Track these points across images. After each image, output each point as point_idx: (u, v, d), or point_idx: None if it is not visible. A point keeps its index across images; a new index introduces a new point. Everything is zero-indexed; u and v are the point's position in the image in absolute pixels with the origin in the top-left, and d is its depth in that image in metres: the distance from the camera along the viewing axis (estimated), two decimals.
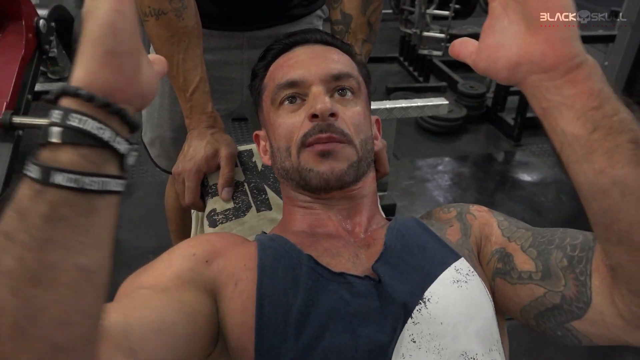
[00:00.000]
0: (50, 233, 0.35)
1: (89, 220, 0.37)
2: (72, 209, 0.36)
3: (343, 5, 1.01)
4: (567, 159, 0.47)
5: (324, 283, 0.61)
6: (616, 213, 0.44)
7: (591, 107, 0.45)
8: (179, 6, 0.89)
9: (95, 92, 0.38)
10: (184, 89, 0.94)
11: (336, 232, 0.74)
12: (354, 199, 0.76)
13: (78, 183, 0.36)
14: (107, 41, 0.38)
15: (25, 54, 2.38)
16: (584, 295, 0.56)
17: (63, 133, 0.37)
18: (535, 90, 0.48)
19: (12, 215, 0.36)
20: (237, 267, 0.64)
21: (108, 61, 0.39)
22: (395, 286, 0.62)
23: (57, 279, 0.35)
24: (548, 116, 0.47)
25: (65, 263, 0.36)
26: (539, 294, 0.62)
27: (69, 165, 0.36)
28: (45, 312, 0.35)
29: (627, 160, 0.43)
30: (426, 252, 0.66)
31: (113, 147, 0.39)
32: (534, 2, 0.45)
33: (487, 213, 0.75)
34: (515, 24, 0.48)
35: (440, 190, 2.51)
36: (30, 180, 0.36)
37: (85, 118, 0.37)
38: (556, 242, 0.62)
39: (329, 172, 0.70)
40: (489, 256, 0.70)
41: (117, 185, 0.39)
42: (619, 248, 0.46)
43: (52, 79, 3.21)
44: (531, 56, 0.47)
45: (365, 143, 0.75)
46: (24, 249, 0.35)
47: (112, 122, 0.39)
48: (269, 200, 0.95)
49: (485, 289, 0.65)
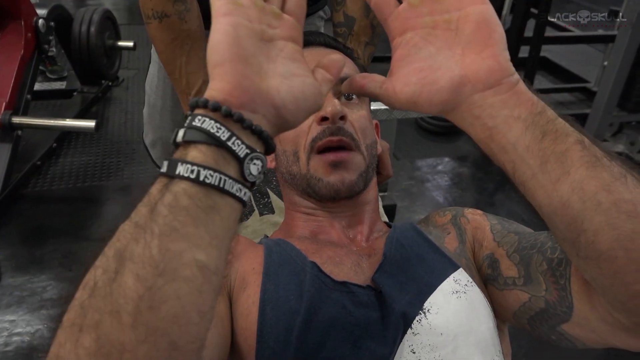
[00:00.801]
0: (171, 221, 0.37)
1: (209, 216, 0.38)
2: (192, 201, 0.38)
3: (346, 8, 1.01)
4: (522, 177, 0.47)
5: (327, 292, 0.61)
6: (580, 223, 0.43)
7: (536, 113, 0.46)
8: (182, 9, 0.88)
9: (216, 100, 0.41)
10: (187, 92, 0.94)
11: (339, 239, 0.73)
12: (357, 205, 0.75)
13: (196, 174, 0.38)
14: (210, 58, 0.42)
15: (25, 53, 2.38)
16: (566, 299, 0.55)
17: (186, 132, 0.40)
18: (480, 110, 0.47)
19: (142, 208, 0.39)
20: (247, 270, 0.64)
21: (216, 74, 0.42)
22: (395, 296, 0.61)
23: (178, 271, 0.36)
24: (496, 134, 0.47)
25: (185, 256, 0.36)
26: (524, 300, 0.61)
27: (191, 159, 0.39)
28: (165, 305, 0.35)
29: (579, 162, 0.43)
30: (425, 262, 0.66)
31: (229, 147, 0.40)
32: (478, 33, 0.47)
33: (480, 217, 0.75)
34: (446, 49, 0.49)
35: (440, 191, 2.51)
36: (161, 175, 0.40)
37: (204, 118, 0.40)
38: (538, 246, 0.61)
39: (340, 183, 0.70)
40: (481, 261, 0.70)
41: (237, 189, 0.40)
42: (588, 262, 0.45)
43: (51, 78, 3.20)
44: (476, 73, 0.47)
45: (371, 148, 0.75)
46: (149, 235, 0.36)
47: (230, 124, 0.41)
48: (271, 203, 0.95)
49: (484, 299, 0.64)
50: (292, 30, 0.48)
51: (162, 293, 0.35)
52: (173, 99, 1.16)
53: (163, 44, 0.91)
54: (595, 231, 0.43)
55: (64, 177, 2.42)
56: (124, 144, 2.73)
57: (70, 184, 2.37)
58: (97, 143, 2.71)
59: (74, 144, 2.68)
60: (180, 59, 0.91)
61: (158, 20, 0.89)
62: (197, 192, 0.38)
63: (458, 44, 0.48)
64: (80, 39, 2.82)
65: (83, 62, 2.88)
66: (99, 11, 2.92)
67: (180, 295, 0.36)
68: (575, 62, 3.84)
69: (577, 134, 0.45)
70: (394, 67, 0.52)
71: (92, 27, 2.84)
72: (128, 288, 0.35)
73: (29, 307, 1.74)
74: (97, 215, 2.22)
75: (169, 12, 0.88)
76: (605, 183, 0.43)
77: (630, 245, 0.42)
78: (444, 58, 0.49)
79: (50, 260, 1.94)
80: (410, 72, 0.50)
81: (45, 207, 2.24)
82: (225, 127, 0.40)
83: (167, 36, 0.90)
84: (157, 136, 1.24)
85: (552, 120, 0.46)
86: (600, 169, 0.43)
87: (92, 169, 2.50)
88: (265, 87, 0.43)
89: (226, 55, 0.42)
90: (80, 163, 2.53)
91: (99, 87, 3.07)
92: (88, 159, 2.57)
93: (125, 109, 3.07)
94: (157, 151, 1.27)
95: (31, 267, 1.90)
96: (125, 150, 2.67)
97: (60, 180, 2.39)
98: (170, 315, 0.35)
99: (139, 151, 2.57)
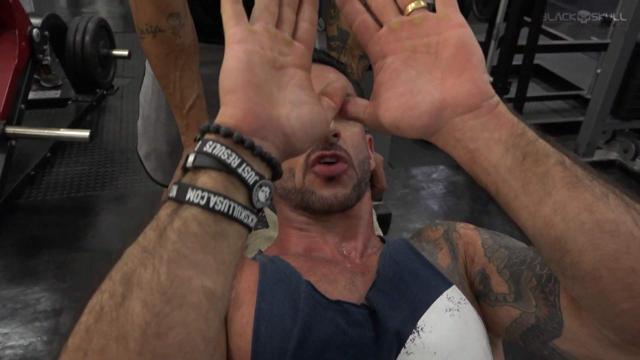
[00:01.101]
0: (180, 247, 0.37)
1: (217, 243, 0.39)
2: (202, 227, 0.38)
3: (340, 22, 1.01)
4: (505, 198, 0.47)
5: (321, 311, 0.60)
6: (564, 244, 0.43)
7: (516, 135, 0.46)
8: (176, 24, 0.88)
9: (227, 126, 0.42)
10: (181, 106, 0.94)
11: (332, 256, 0.73)
12: (351, 219, 0.76)
13: (206, 200, 0.39)
14: (223, 83, 0.43)
15: (19, 63, 2.38)
16: (555, 315, 0.55)
17: (196, 158, 0.41)
18: (460, 133, 0.48)
19: (151, 232, 0.39)
20: (242, 288, 0.64)
21: (228, 100, 0.43)
22: (389, 315, 0.61)
23: (186, 298, 0.36)
24: (478, 157, 0.47)
25: (193, 282, 0.37)
26: (515, 316, 0.61)
27: (202, 185, 0.39)
28: (172, 332, 0.35)
29: (560, 183, 0.44)
30: (418, 279, 0.66)
31: (238, 174, 0.40)
32: (457, 57, 0.48)
33: (472, 231, 0.75)
34: (426, 73, 0.49)
35: (435, 199, 2.51)
36: (170, 200, 0.40)
37: (215, 144, 0.41)
38: (527, 262, 0.62)
39: (333, 198, 0.71)
40: (472, 277, 0.70)
41: (245, 215, 0.41)
42: (574, 282, 0.45)
43: (46, 87, 3.20)
44: (456, 97, 0.47)
45: (363, 163, 0.75)
46: (159, 261, 0.37)
47: (240, 151, 0.41)
48: (265, 217, 0.95)
49: (477, 316, 0.64)
50: (303, 57, 0.49)
51: (169, 320, 0.35)
52: (167, 111, 1.16)
53: (157, 59, 0.91)
54: (579, 251, 0.43)
55: (58, 187, 2.41)
56: (119, 153, 2.72)
57: (65, 194, 2.37)
58: (92, 152, 2.70)
59: (69, 153, 2.68)
60: (174, 74, 0.92)
61: (152, 35, 0.89)
62: (206, 218, 0.39)
63: (438, 68, 0.49)
64: (74, 48, 2.81)
65: (78, 71, 2.88)
66: (93, 20, 2.92)
67: (187, 322, 0.36)
68: (568, 70, 3.87)
69: (558, 154, 0.45)
70: (376, 91, 0.52)
71: (86, 36, 2.84)
72: (135, 314, 0.35)
73: (22, 319, 1.73)
74: (92, 225, 2.21)
75: (163, 27, 0.88)
76: (587, 203, 0.43)
77: (614, 265, 0.42)
78: (424, 82, 0.49)
79: (44, 271, 1.92)
80: (391, 96, 0.50)
81: (39, 217, 2.22)
82: (236, 153, 0.41)
83: (161, 51, 0.90)
84: (151, 148, 1.24)
85: (533, 141, 0.46)
86: (582, 190, 0.43)
87: (86, 178, 2.49)
88: (276, 115, 0.44)
89: (239, 82, 0.43)
90: (75, 173, 2.53)
91: (93, 96, 3.07)
92: (82, 168, 2.56)
93: (120, 117, 3.07)
94: (151, 163, 1.26)
95: (25, 278, 1.89)
96: (120, 159, 2.66)
97: (54, 190, 2.38)
98: (177, 342, 0.35)
99: (133, 160, 2.56)
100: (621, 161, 2.74)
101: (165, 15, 0.87)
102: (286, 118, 0.45)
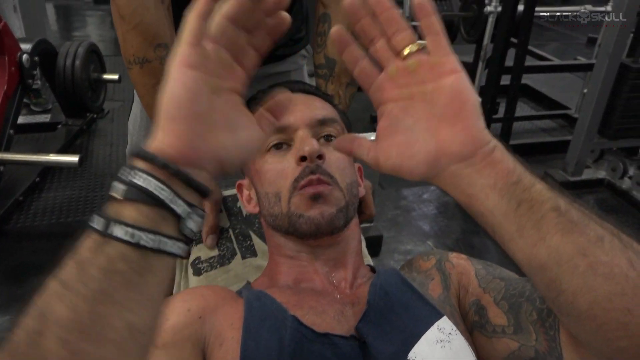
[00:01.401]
0: (105, 286, 0.36)
1: (143, 278, 0.38)
2: (128, 265, 0.37)
3: (327, 50, 1.02)
4: (501, 239, 0.48)
5: (308, 345, 0.60)
6: (559, 284, 0.45)
7: (511, 182, 0.47)
8: (164, 54, 0.89)
9: (164, 155, 0.40)
10: None
11: (322, 286, 0.73)
12: (340, 246, 0.75)
13: (134, 238, 0.37)
14: (166, 108, 0.42)
15: (8, 89, 2.37)
16: (555, 350, 0.56)
17: (125, 189, 0.39)
18: (457, 180, 0.49)
19: (71, 265, 0.37)
20: (224, 325, 0.63)
21: (168, 127, 0.42)
22: (379, 347, 0.61)
23: (106, 335, 0.35)
24: (474, 201, 0.49)
25: (115, 319, 0.36)
26: (514, 348, 0.62)
27: (129, 219, 0.38)
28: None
29: (555, 229, 0.45)
30: (409, 310, 0.66)
31: (170, 208, 0.40)
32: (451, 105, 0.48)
33: (465, 261, 0.75)
34: (423, 121, 0.50)
35: (426, 220, 2.51)
36: (92, 231, 0.38)
37: (147, 176, 0.39)
38: (526, 294, 0.62)
39: (320, 217, 0.70)
40: (467, 307, 0.70)
41: (174, 247, 0.40)
42: (570, 319, 0.47)
43: (35, 111, 3.19)
44: (450, 147, 0.49)
45: (351, 187, 0.75)
46: (78, 298, 0.35)
47: (174, 183, 0.40)
48: (254, 246, 0.94)
49: (468, 347, 0.64)
50: (239, 82, 0.48)
51: (88, 358, 0.34)
52: None
53: (144, 89, 0.92)
54: (574, 293, 0.44)
55: (47, 213, 2.38)
56: (109, 177, 2.70)
57: (54, 220, 2.34)
58: (81, 177, 2.68)
59: (58, 177, 2.66)
60: None
61: (139, 66, 0.89)
62: (132, 254, 0.38)
63: (434, 116, 0.50)
64: (65, 73, 2.82)
65: (68, 95, 2.87)
66: (84, 45, 2.93)
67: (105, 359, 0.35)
68: (556, 89, 3.91)
69: (553, 200, 0.46)
70: (379, 135, 0.53)
71: (77, 60, 2.84)
72: (51, 352, 0.34)
73: None
74: None
75: (150, 58, 0.89)
76: (581, 247, 0.44)
77: (609, 306, 0.43)
78: (420, 131, 0.50)
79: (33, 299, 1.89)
80: (390, 145, 0.51)
81: (28, 243, 2.20)
82: (169, 188, 0.40)
83: (148, 81, 0.90)
84: None
85: (528, 188, 0.47)
86: (576, 234, 0.44)
87: (75, 203, 2.47)
88: (213, 144, 0.44)
89: (182, 112, 0.42)
90: (64, 198, 2.50)
91: (83, 120, 3.06)
92: (72, 193, 2.54)
93: (110, 141, 3.06)
94: None
95: (12, 306, 1.85)
96: (110, 183, 2.63)
97: (42, 216, 2.36)
98: None
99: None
100: (609, 180, 2.76)
101: (153, 46, 0.88)
102: (223, 146, 0.44)
